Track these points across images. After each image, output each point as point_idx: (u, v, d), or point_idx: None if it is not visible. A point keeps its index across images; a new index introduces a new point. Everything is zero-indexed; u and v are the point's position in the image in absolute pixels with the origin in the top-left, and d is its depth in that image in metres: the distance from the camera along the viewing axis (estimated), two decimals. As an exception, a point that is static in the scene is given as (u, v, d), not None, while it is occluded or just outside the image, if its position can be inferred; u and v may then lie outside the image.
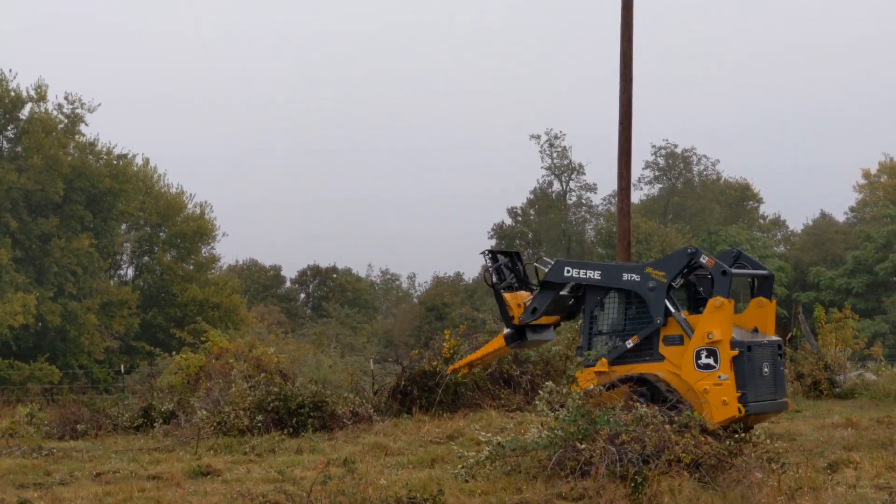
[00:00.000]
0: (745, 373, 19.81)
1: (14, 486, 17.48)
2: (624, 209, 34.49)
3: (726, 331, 19.97)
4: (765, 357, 20.35)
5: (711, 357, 19.90)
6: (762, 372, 20.18)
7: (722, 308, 20.08)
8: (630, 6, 34.16)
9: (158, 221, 63.36)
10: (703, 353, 19.98)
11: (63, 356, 55.28)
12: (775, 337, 20.98)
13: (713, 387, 19.66)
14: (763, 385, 20.04)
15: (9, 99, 56.40)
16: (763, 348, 20.37)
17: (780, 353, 20.82)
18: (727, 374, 19.64)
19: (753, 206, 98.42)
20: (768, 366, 20.31)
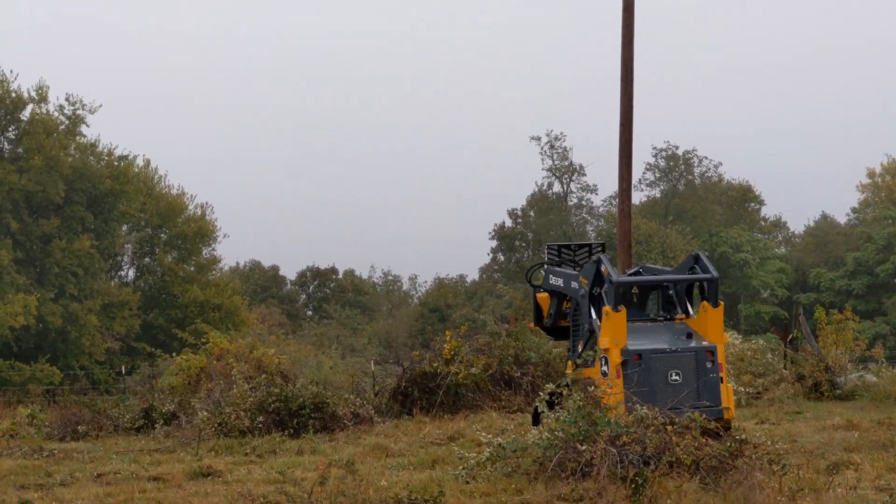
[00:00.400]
0: (634, 381, 19.47)
1: (15, 487, 17.49)
2: (625, 210, 34.49)
3: (613, 339, 19.90)
4: (675, 364, 19.84)
5: (606, 364, 20.04)
6: (667, 380, 19.64)
7: (609, 317, 20.04)
8: (631, 8, 34.16)
9: (159, 223, 63.38)
10: (603, 360, 20.23)
11: (64, 357, 55.30)
12: (706, 343, 20.30)
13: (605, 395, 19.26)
14: (666, 393, 19.27)
15: (10, 100, 56.44)
16: (670, 356, 19.92)
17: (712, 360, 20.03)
18: (615, 382, 19.49)
19: (755, 207, 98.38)
20: (680, 373, 19.69)
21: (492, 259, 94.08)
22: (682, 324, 21.20)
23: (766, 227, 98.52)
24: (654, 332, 20.93)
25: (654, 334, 20.84)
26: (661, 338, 20.67)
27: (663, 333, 20.92)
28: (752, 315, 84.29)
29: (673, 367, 19.79)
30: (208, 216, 64.87)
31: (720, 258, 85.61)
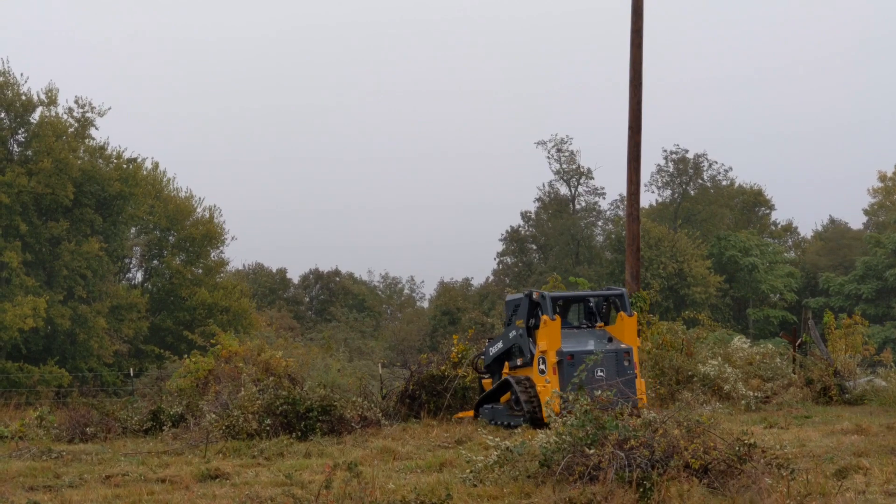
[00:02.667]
0: (566, 377, 24.32)
1: (24, 489, 17.50)
2: (633, 214, 34.50)
3: (550, 342, 24.90)
4: (600, 363, 24.53)
5: (544, 364, 25.06)
6: (594, 376, 24.19)
7: (547, 325, 25.04)
8: (640, 12, 34.18)
9: (167, 225, 63.48)
10: (540, 360, 25.14)
11: (72, 359, 55.40)
12: (624, 345, 25.27)
13: (543, 388, 24.87)
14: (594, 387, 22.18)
15: (20, 103, 56.57)
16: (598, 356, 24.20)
17: (629, 359, 24.94)
18: (551, 378, 24.70)
19: (765, 212, 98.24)
20: (605, 370, 24.56)
21: (499, 262, 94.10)
22: (601, 330, 26.32)
23: (776, 232, 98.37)
24: (580, 337, 25.95)
25: (581, 339, 25.86)
26: (588, 341, 25.65)
27: (588, 338, 25.95)
28: (760, 319, 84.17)
29: (598, 365, 24.57)
30: (216, 219, 65.02)
31: (729, 262, 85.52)
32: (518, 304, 27.24)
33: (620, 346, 25.36)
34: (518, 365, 26.46)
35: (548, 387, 24.61)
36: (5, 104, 56.59)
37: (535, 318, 26.17)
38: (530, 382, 25.52)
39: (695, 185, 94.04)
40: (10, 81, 56.66)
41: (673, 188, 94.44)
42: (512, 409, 26.11)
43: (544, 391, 24.73)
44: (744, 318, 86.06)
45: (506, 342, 27.14)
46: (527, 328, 26.16)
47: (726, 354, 32.75)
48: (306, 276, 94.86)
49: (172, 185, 65.27)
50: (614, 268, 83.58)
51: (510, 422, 25.64)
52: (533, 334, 25.95)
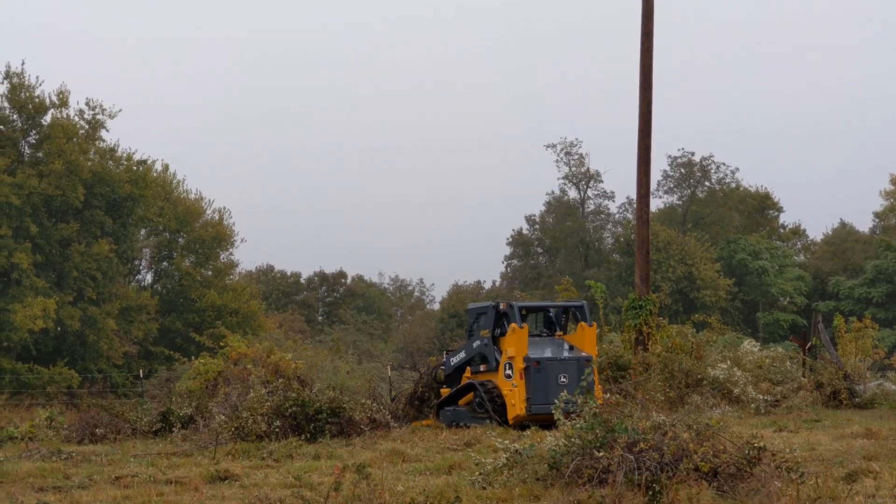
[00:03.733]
0: (532, 382, 26.07)
1: (34, 490, 17.54)
2: (643, 217, 34.45)
3: (518, 350, 26.34)
4: (563, 370, 26.26)
5: (510, 369, 26.44)
6: (558, 381, 25.91)
7: (515, 332, 26.54)
8: (651, 16, 34.16)
9: (177, 227, 63.55)
10: (507, 366, 26.56)
11: (82, 360, 55.50)
12: (585, 353, 26.87)
13: (510, 391, 26.34)
14: (556, 392, 23.43)
15: (32, 105, 56.72)
16: (561, 363, 26.44)
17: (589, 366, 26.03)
18: (518, 383, 26.14)
19: (773, 215, 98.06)
20: (567, 376, 26.04)
21: (507, 265, 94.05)
22: (560, 339, 27.76)
23: (785, 235, 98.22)
24: (543, 345, 27.34)
25: (544, 346, 27.24)
26: (550, 349, 27.10)
27: (550, 346, 27.38)
28: (770, 323, 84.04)
29: (562, 372, 26.29)
30: (226, 221, 65.07)
31: (738, 265, 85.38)
32: (482, 312, 28.44)
33: (582, 355, 26.90)
34: (481, 370, 27.70)
35: (514, 391, 26.15)
36: (18, 106, 56.74)
37: (500, 327, 27.41)
38: (494, 385, 26.86)
39: (702, 189, 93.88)
40: (24, 83, 56.82)
41: (680, 192, 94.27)
42: (475, 411, 27.17)
43: (511, 395, 26.26)
44: (753, 321, 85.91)
45: (469, 352, 28.35)
46: (492, 337, 27.41)
47: (736, 358, 32.72)
48: (311, 279, 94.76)
49: (182, 186, 65.41)
50: (623, 271, 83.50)
51: (473, 423, 26.50)
52: (498, 343, 27.28)
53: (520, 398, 26.14)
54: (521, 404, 26.07)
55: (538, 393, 26.03)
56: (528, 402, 26.11)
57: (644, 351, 32.00)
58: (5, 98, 56.81)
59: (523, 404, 26.07)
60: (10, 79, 56.63)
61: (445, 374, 29.33)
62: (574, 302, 29.09)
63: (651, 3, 34.12)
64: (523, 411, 26.07)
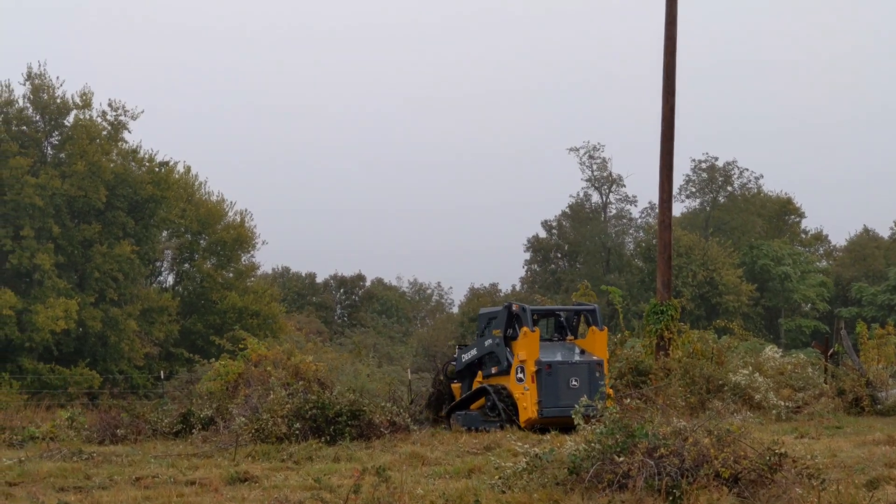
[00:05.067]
0: (544, 385, 26.18)
1: (54, 490, 17.58)
2: (665, 222, 34.33)
3: (530, 353, 26.46)
4: (575, 373, 26.39)
5: (522, 373, 26.47)
6: (569, 385, 26.14)
7: (527, 336, 26.63)
8: (674, 20, 34.07)
9: (199, 229, 63.73)
10: (518, 369, 26.59)
11: (103, 361, 55.71)
12: (596, 357, 26.91)
13: (521, 395, 26.42)
14: (568, 396, 25.30)
15: (55, 105, 56.98)
16: (572, 366, 26.52)
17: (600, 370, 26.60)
18: (529, 386, 26.25)
19: (795, 220, 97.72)
20: (578, 380, 26.27)
21: (527, 270, 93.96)
22: (571, 343, 27.83)
23: (807, 241, 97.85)
24: (555, 349, 27.37)
25: (556, 350, 27.30)
26: (562, 353, 27.17)
27: (562, 350, 27.41)
28: (792, 329, 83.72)
29: (573, 375, 26.41)
30: (247, 223, 65.21)
31: (761, 271, 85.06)
32: (492, 317, 28.58)
33: (593, 358, 27.04)
34: (492, 373, 27.72)
35: (526, 394, 26.31)
36: (40, 107, 57.00)
37: (512, 328, 27.48)
38: (506, 391, 26.97)
39: (724, 194, 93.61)
40: (46, 84, 57.08)
41: (703, 196, 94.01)
42: (487, 415, 27.35)
43: (522, 398, 26.42)
44: (776, 327, 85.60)
45: (480, 350, 28.36)
46: (504, 338, 27.46)
47: (757, 364, 32.59)
48: (327, 282, 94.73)
49: (204, 188, 65.59)
50: (645, 276, 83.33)
51: (485, 427, 26.70)
52: (510, 344, 27.29)
53: (532, 402, 26.31)
54: (533, 408, 26.27)
55: (550, 396, 26.27)
56: (539, 406, 26.28)
57: (665, 356, 31.89)
58: (27, 99, 57.12)
59: (535, 408, 26.27)
60: (32, 80, 56.90)
61: (456, 370, 29.47)
62: (586, 305, 29.10)
63: (675, 8, 34.03)
64: (535, 415, 26.25)
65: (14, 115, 56.82)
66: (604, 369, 27.02)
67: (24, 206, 53.78)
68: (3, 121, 56.54)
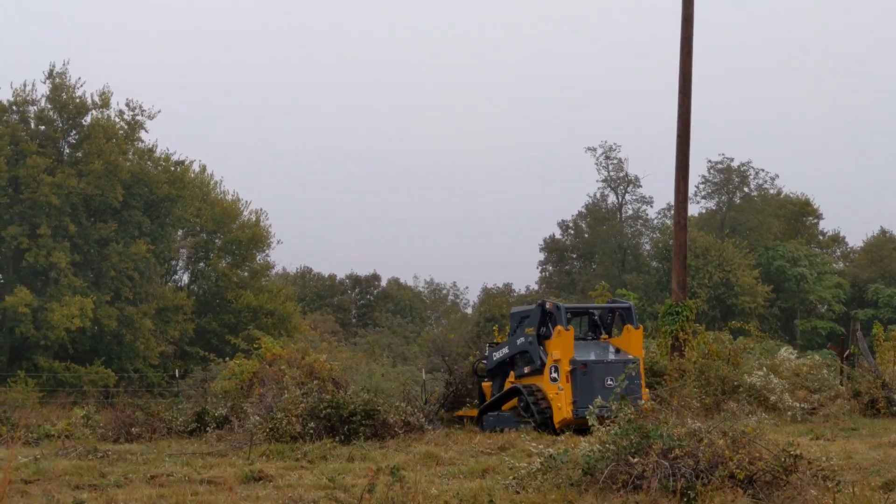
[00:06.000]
0: (578, 385, 25.90)
1: (70, 488, 17.64)
2: (681, 222, 34.28)
3: (564, 352, 26.20)
4: (610, 372, 25.98)
5: (556, 372, 26.25)
6: (604, 384, 25.66)
7: (561, 335, 26.40)
8: (690, 20, 34.02)
9: (214, 228, 63.86)
10: (552, 369, 26.34)
11: (119, 360, 55.85)
12: (631, 356, 26.67)
13: (555, 395, 26.16)
14: (603, 395, 24.00)
15: (73, 105, 57.15)
16: (608, 365, 26.27)
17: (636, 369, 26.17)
18: (564, 386, 26.01)
19: (812, 221, 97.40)
20: (614, 379, 25.55)
21: (541, 270, 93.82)
22: (605, 342, 27.67)
23: (824, 242, 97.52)
24: (589, 348, 27.21)
25: (590, 349, 27.11)
26: (596, 352, 27.01)
27: (595, 349, 27.26)
28: (808, 330, 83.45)
29: (608, 375, 26.01)
30: (262, 222, 65.31)
31: (777, 272, 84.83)
32: (525, 315, 28.29)
33: (628, 357, 26.74)
34: (525, 373, 27.36)
35: (561, 394, 26.00)
36: (59, 106, 57.19)
37: (545, 327, 27.12)
38: (540, 391, 26.61)
39: (740, 195, 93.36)
40: (67, 84, 57.26)
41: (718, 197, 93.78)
42: (520, 416, 27.06)
43: (557, 398, 26.10)
44: (791, 328, 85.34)
45: (512, 348, 28.06)
46: (537, 336, 27.09)
47: (773, 365, 32.50)
48: (342, 281, 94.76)
49: (219, 187, 65.72)
50: (661, 276, 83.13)
51: (518, 428, 26.18)
52: (543, 343, 26.97)
53: (566, 401, 25.98)
54: (568, 408, 25.93)
55: (585, 396, 25.60)
56: (574, 406, 25.90)
57: (680, 357, 31.84)
58: (47, 98, 57.31)
59: (570, 408, 25.92)
60: (53, 79, 57.10)
61: (487, 369, 29.23)
62: (621, 303, 28.77)
63: (691, 8, 33.98)
64: (570, 415, 25.87)
65: (34, 115, 57.05)
66: (640, 368, 26.63)
67: (41, 204, 53.96)
68: (21, 119, 56.77)
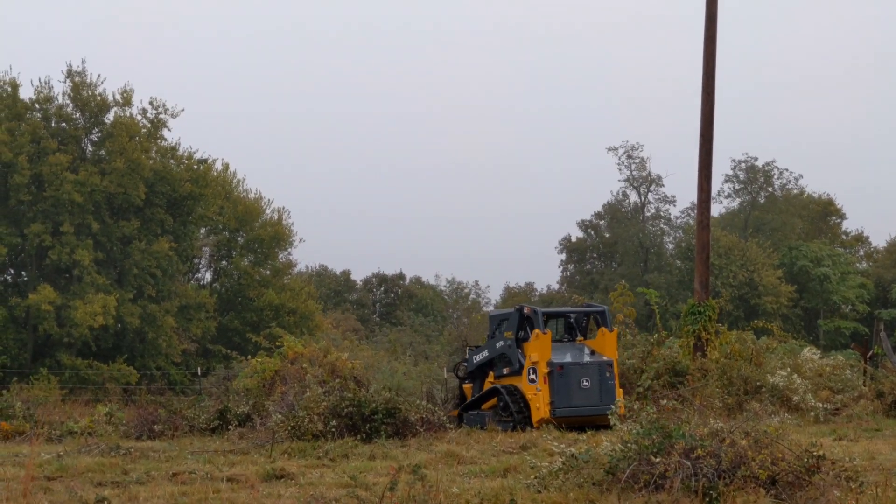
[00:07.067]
0: (556, 386, 26.75)
1: (92, 484, 17.70)
2: (703, 222, 34.19)
3: (542, 355, 27.00)
4: (586, 374, 27.06)
5: (534, 374, 27.07)
6: (580, 385, 26.92)
7: (539, 338, 27.16)
8: (714, 19, 33.91)
9: (236, 226, 63.99)
10: (531, 370, 27.17)
11: (141, 357, 56.02)
12: (606, 358, 27.52)
13: (534, 395, 27.01)
14: (579, 396, 26.70)
15: (95, 103, 57.33)
16: (583, 367, 27.19)
17: (610, 371, 27.23)
18: (542, 387, 26.84)
19: (836, 221, 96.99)
20: (589, 380, 26.99)
21: (563, 270, 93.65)
22: (581, 344, 28.48)
23: (848, 242, 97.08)
24: (565, 350, 27.99)
25: (566, 351, 27.90)
26: (572, 354, 27.80)
27: (572, 351, 28.04)
28: (831, 330, 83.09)
29: (584, 376, 27.10)
30: (285, 221, 65.42)
31: (800, 272, 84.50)
32: (503, 318, 29.11)
33: (603, 359, 27.66)
34: (504, 374, 28.27)
35: (539, 395, 26.90)
36: (81, 104, 57.40)
37: (523, 330, 28.04)
38: (518, 391, 27.46)
39: (764, 194, 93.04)
40: (87, 82, 57.46)
41: (742, 196, 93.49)
42: (499, 415, 27.75)
43: (535, 398, 27.01)
44: (815, 329, 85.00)
45: (492, 351, 28.88)
46: (515, 339, 28.01)
47: (796, 365, 32.40)
48: (369, 280, 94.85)
49: (242, 186, 65.83)
50: (683, 276, 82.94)
51: (496, 427, 27.07)
52: (521, 346, 27.86)
53: (544, 402, 26.92)
54: (546, 407, 26.86)
55: (562, 396, 26.93)
56: (552, 406, 26.89)
57: (702, 357, 31.76)
58: (68, 96, 57.53)
59: (547, 407, 26.88)
60: (72, 77, 57.29)
61: (468, 371, 29.98)
62: (595, 307, 29.85)
63: (715, 7, 33.87)
64: (547, 414, 26.84)
65: (54, 112, 57.25)
66: (614, 369, 27.64)
67: (64, 202, 54.17)
68: (43, 117, 56.99)
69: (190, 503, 15.82)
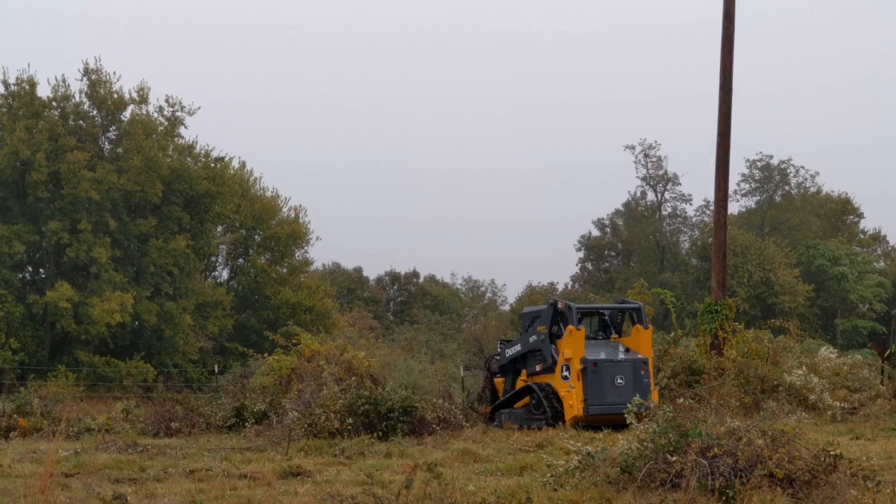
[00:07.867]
0: (589, 383, 26.51)
1: (110, 481, 17.75)
2: (720, 221, 34.10)
3: (575, 351, 26.79)
4: (620, 371, 26.84)
5: (567, 371, 26.82)
6: (614, 383, 26.64)
7: (572, 334, 26.93)
8: (731, 17, 33.80)
9: (253, 224, 64.15)
10: (564, 367, 26.95)
11: (158, 355, 56.21)
12: (641, 355, 27.23)
13: (567, 393, 26.77)
14: (613, 394, 26.34)
15: (111, 101, 57.52)
16: (618, 364, 26.98)
17: (645, 368, 26.99)
18: (575, 384, 26.61)
19: (853, 220, 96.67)
20: (624, 378, 26.71)
21: (580, 268, 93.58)
22: (615, 342, 28.19)
23: (865, 241, 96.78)
24: (599, 347, 27.76)
25: (600, 348, 27.67)
26: (606, 351, 27.59)
27: (606, 348, 27.81)
28: (849, 329, 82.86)
29: (618, 373, 26.83)
30: (301, 219, 65.53)
31: (817, 271, 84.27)
32: (536, 315, 28.81)
33: (638, 357, 27.36)
34: (537, 371, 27.92)
35: (572, 392, 26.70)
36: (97, 102, 57.58)
37: (557, 326, 27.71)
38: (551, 389, 27.22)
39: (781, 192, 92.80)
40: (103, 80, 57.64)
41: (759, 195, 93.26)
42: (531, 413, 27.56)
43: (568, 396, 26.80)
44: (832, 328, 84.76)
45: (524, 346, 28.60)
46: (549, 335, 27.71)
47: (813, 364, 32.31)
48: (381, 278, 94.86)
49: (259, 184, 65.97)
50: (700, 274, 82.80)
51: (529, 425, 26.92)
52: (555, 342, 27.59)
53: (577, 399, 26.68)
54: (579, 405, 26.63)
55: (595, 394, 26.65)
56: (585, 403, 26.64)
57: (719, 356, 31.69)
58: (84, 94, 57.71)
59: (581, 405, 26.63)
60: (89, 75, 57.45)
61: (500, 365, 29.69)
62: (631, 304, 29.35)
63: (732, 5, 33.77)
64: (581, 412, 26.60)
65: (71, 110, 57.44)
66: (649, 367, 27.35)
67: (82, 200, 54.37)
68: (60, 115, 57.18)
69: (207, 500, 15.84)
